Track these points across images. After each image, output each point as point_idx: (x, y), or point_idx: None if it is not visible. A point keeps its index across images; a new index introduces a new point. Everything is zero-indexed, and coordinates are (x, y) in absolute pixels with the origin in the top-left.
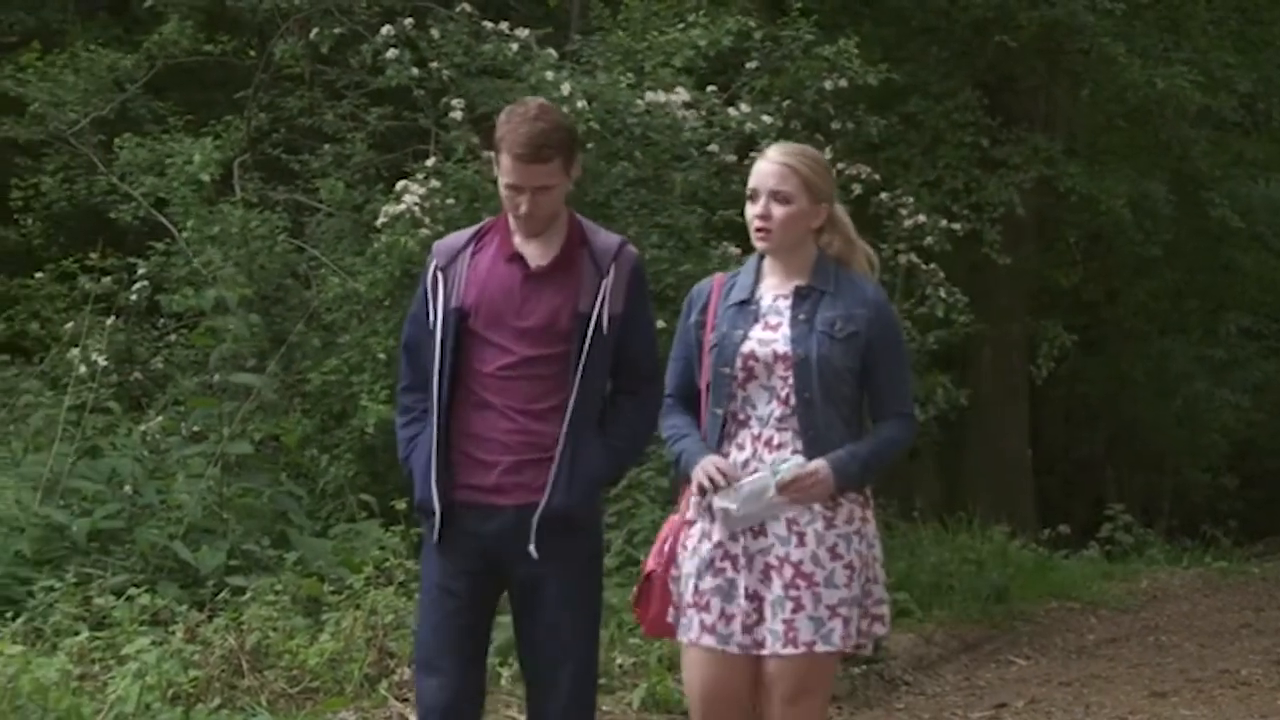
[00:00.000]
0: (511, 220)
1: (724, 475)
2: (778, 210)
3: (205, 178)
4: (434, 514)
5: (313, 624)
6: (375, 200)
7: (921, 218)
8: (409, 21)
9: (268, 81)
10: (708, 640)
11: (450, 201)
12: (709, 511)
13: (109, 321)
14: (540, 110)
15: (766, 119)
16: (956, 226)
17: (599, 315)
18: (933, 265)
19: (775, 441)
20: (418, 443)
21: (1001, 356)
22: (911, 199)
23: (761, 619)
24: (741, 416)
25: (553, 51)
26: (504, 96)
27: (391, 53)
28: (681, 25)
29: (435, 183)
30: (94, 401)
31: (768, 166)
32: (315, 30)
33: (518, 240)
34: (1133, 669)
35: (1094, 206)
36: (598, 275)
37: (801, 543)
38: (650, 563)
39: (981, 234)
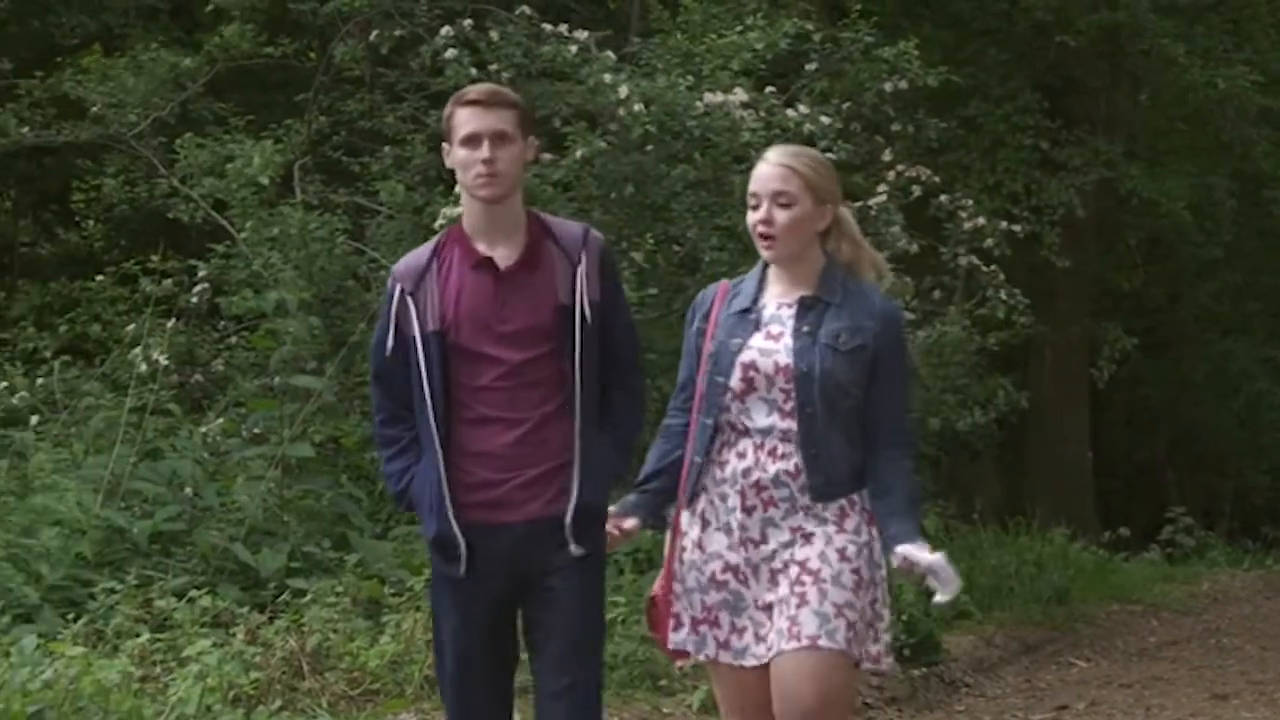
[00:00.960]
0: (467, 221)
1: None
2: (781, 215)
3: (265, 180)
4: (458, 545)
5: (373, 626)
6: (435, 202)
7: (981, 220)
8: (468, 23)
9: (328, 84)
10: (725, 657)
11: None
12: (700, 518)
13: (170, 324)
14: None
15: (825, 119)
16: (1017, 229)
17: (581, 305)
18: (993, 267)
19: (780, 452)
20: (414, 474)
21: (1062, 359)
22: (971, 201)
23: (771, 623)
24: (740, 426)
25: (611, 54)
26: (563, 99)
27: (450, 54)
28: (740, 28)
29: None
30: (155, 403)
31: (768, 169)
32: (375, 32)
33: (481, 245)
34: (1194, 671)
35: (1154, 209)
36: (570, 265)
37: (809, 542)
38: (655, 587)
39: (1041, 236)
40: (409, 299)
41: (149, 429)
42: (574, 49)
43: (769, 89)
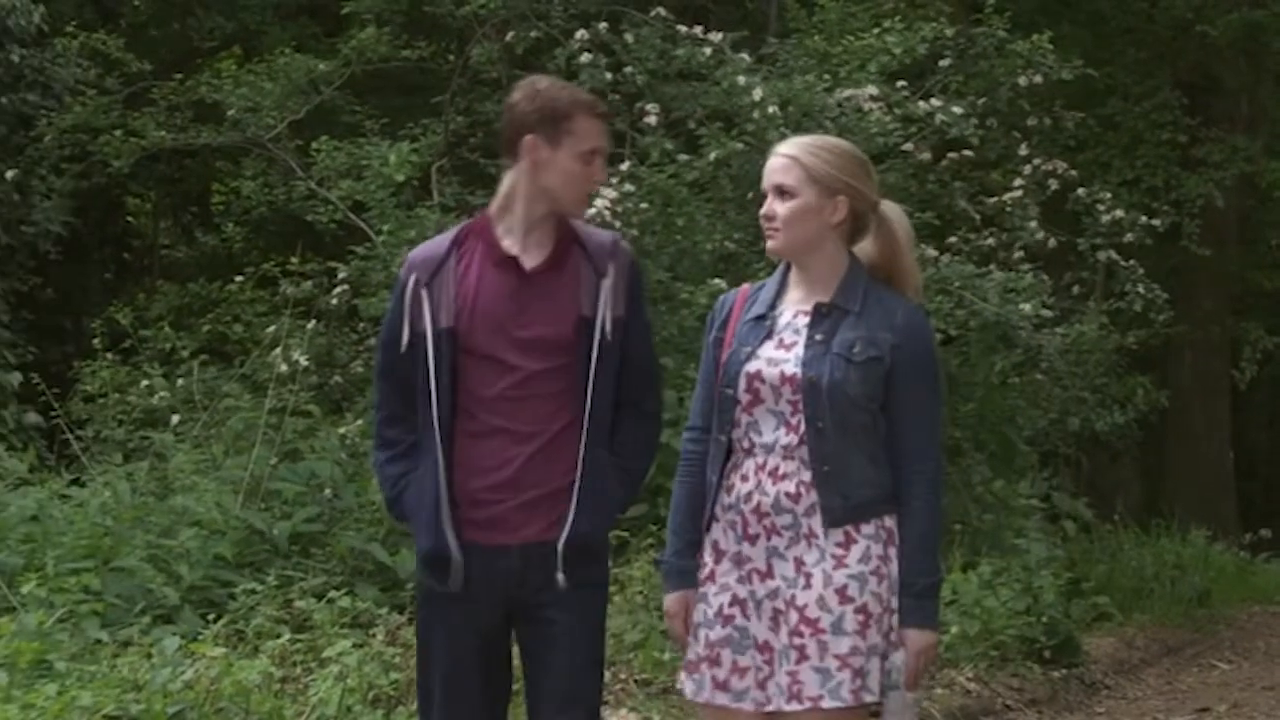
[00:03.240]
0: (524, 214)
1: (684, 626)
2: (780, 207)
3: (400, 178)
4: (449, 560)
5: None
6: None
7: (1119, 213)
8: (603, 25)
9: (465, 86)
10: (720, 698)
11: (644, 205)
12: (714, 548)
13: (309, 325)
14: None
15: (957, 109)
16: (1156, 222)
17: (603, 321)
18: (1131, 261)
19: (781, 471)
20: (410, 482)
21: (1203, 359)
22: (1109, 195)
23: (773, 672)
24: (746, 444)
25: (745, 56)
26: (698, 100)
27: (585, 57)
28: (877, 30)
29: (629, 186)
30: (294, 405)
31: (772, 161)
32: (511, 34)
33: (506, 242)
34: None
35: None
36: (595, 275)
37: (808, 584)
38: None
39: (1181, 227)
40: (423, 290)
41: (288, 430)
42: (708, 51)
43: (900, 83)
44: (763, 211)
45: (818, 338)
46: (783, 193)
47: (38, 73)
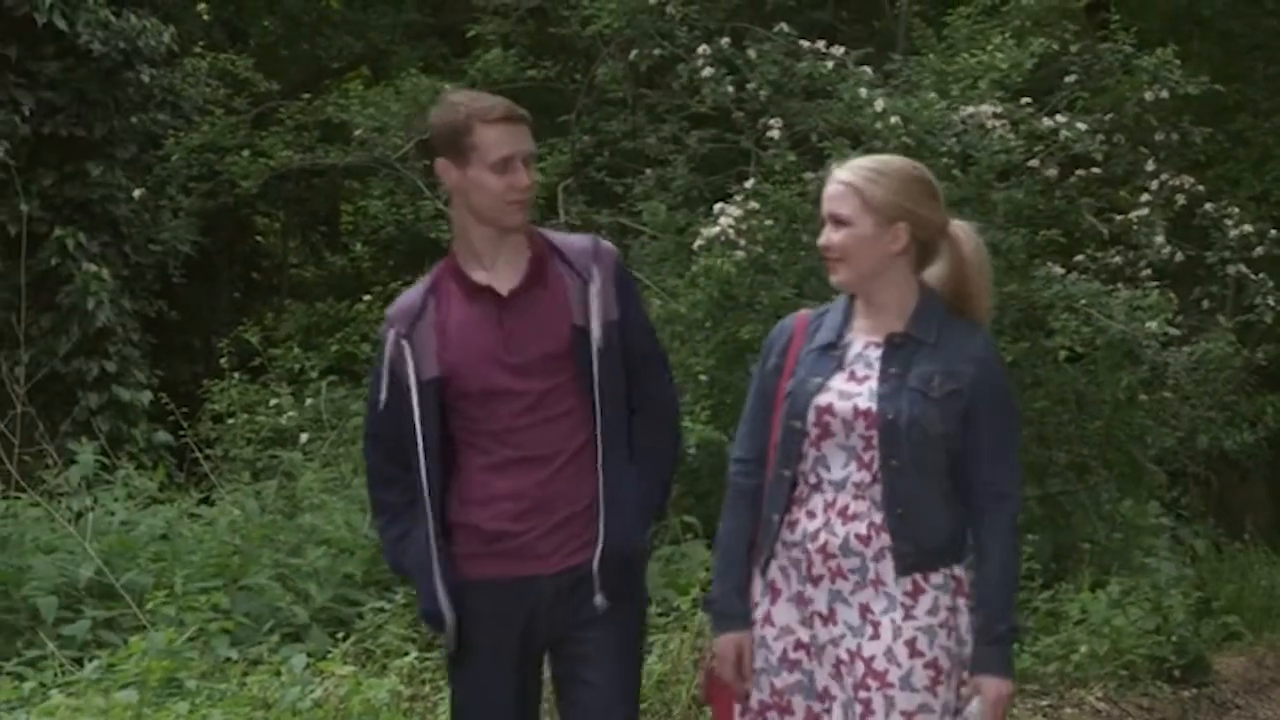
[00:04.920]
0: (460, 248)
1: (739, 671)
2: (837, 237)
3: None
4: (444, 625)
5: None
6: (698, 223)
7: (1248, 227)
8: (725, 41)
9: (591, 105)
10: None
11: (769, 223)
12: (770, 588)
13: None
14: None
15: (1081, 126)
16: None
17: (597, 327)
18: (1261, 275)
19: (851, 511)
20: (410, 540)
21: None
22: (1237, 209)
23: None
24: (813, 480)
25: (867, 69)
26: (821, 116)
27: (707, 71)
28: (990, 46)
29: (754, 204)
30: None
31: (829, 189)
32: (634, 52)
33: (477, 274)
34: None
35: None
36: (581, 282)
37: (876, 634)
38: (713, 657)
39: None
40: (404, 343)
41: None
42: (830, 65)
43: (1024, 100)
44: (820, 241)
45: (893, 371)
46: (839, 222)
47: (167, 92)
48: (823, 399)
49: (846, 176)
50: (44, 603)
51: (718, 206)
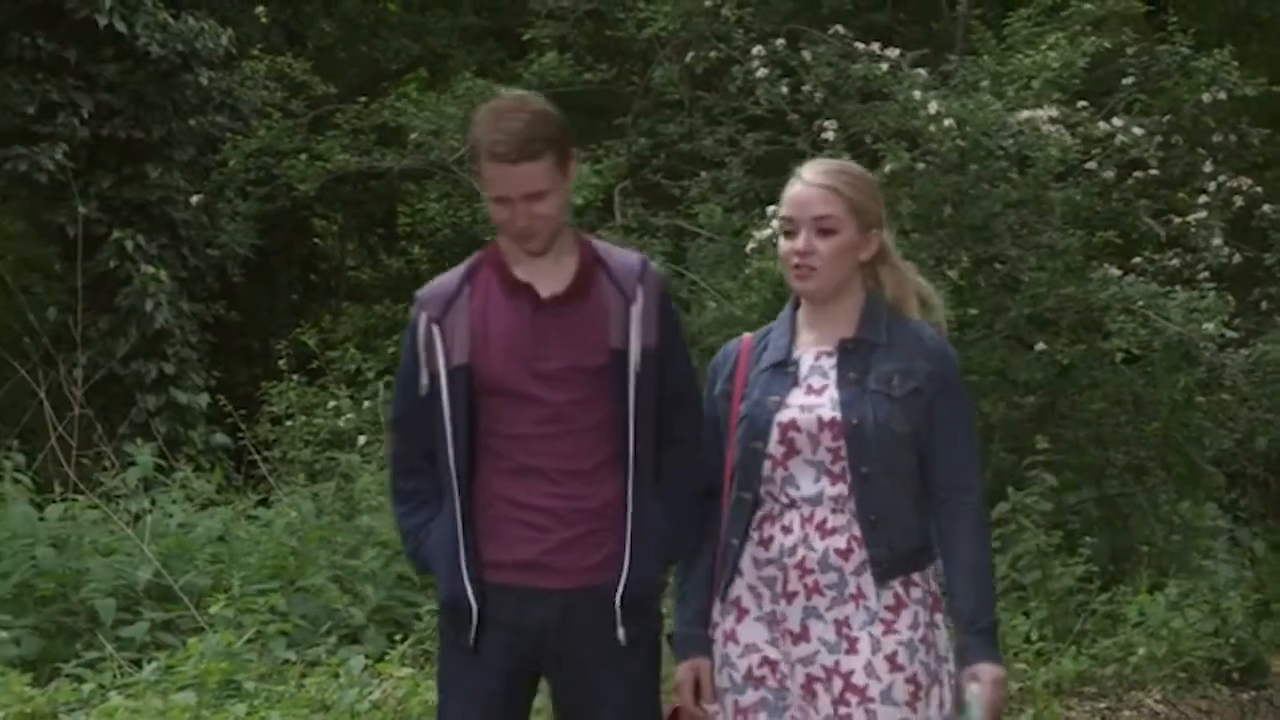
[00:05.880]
0: (504, 243)
1: (696, 699)
2: (822, 244)
3: (580, 200)
4: (469, 611)
5: None
6: (753, 225)
7: None
8: (780, 42)
9: (648, 107)
10: None
11: None
12: (735, 606)
13: None
14: (518, 102)
15: (1138, 130)
16: None
17: (636, 351)
18: None
19: (830, 525)
20: (430, 529)
21: None
22: None
23: None
24: (784, 499)
25: (922, 71)
26: (875, 117)
27: (761, 72)
28: (1044, 46)
29: None
30: None
31: (806, 191)
32: (691, 54)
33: (519, 269)
34: None
35: None
36: (624, 301)
37: (853, 649)
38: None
39: None
40: (435, 327)
41: None
42: (884, 66)
43: (1081, 103)
44: (797, 246)
45: (851, 376)
46: (824, 227)
47: (225, 95)
48: (784, 415)
49: (828, 180)
50: (102, 605)
51: (771, 209)
